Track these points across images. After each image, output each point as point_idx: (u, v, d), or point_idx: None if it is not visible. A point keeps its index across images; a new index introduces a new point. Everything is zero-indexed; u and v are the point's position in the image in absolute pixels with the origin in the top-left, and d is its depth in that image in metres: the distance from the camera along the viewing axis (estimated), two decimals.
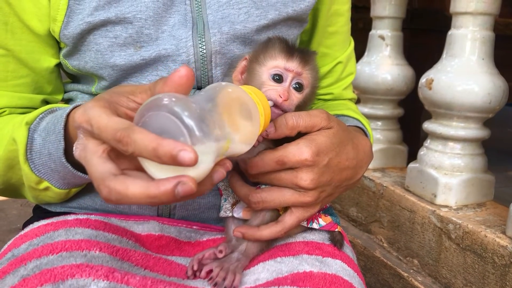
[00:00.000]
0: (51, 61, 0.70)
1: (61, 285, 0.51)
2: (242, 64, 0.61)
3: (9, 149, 0.62)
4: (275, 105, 0.57)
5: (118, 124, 0.42)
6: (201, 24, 0.65)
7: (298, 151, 0.57)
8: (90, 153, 0.43)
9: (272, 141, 0.58)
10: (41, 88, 0.72)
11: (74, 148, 0.46)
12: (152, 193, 0.40)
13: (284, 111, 0.57)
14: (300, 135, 0.59)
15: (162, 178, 0.40)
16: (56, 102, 0.76)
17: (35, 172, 0.61)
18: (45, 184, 0.62)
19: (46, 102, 0.74)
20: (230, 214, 0.64)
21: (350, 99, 0.89)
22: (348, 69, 0.86)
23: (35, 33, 0.67)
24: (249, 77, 0.59)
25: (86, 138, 0.44)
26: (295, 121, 0.57)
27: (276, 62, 0.58)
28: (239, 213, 0.63)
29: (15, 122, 0.63)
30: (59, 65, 0.73)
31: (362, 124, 0.77)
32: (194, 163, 0.38)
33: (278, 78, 0.58)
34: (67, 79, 0.79)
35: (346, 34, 0.85)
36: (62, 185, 0.63)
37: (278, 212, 0.61)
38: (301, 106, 0.60)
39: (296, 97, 0.58)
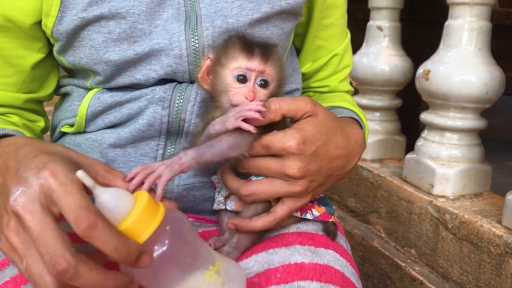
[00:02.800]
0: (36, 56, 0.70)
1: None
2: (206, 63, 0.62)
3: None
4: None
5: None
6: (194, 18, 0.66)
7: (283, 138, 0.57)
8: None
9: (262, 131, 0.59)
10: (26, 88, 0.72)
11: None
12: None
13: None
14: None
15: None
16: (42, 100, 0.76)
17: None
18: None
19: (32, 101, 0.74)
20: (223, 207, 0.65)
21: (347, 91, 0.89)
22: (344, 61, 0.86)
23: (20, 28, 0.67)
24: (214, 80, 0.60)
25: None
26: (277, 104, 0.58)
27: (238, 63, 0.58)
28: (232, 205, 0.64)
29: None
30: (47, 60, 0.73)
31: (358, 116, 0.77)
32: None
33: (242, 79, 0.58)
34: (64, 73, 0.79)
35: (342, 27, 0.85)
36: None
37: (270, 203, 0.62)
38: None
39: (263, 93, 0.59)
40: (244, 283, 0.53)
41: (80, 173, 0.44)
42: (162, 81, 0.67)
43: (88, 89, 0.70)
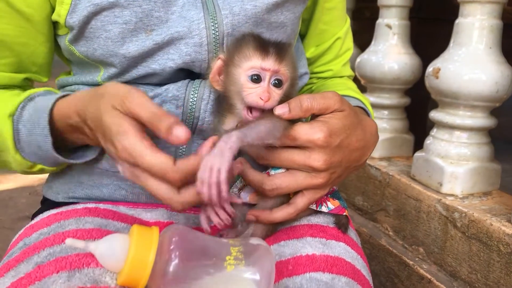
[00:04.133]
0: (39, 47, 0.71)
1: (77, 272, 0.52)
2: (218, 64, 0.61)
3: None
4: (257, 108, 0.58)
5: (163, 164, 0.51)
6: (211, 4, 0.65)
7: (311, 131, 0.58)
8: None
9: (287, 123, 0.59)
10: (25, 68, 0.72)
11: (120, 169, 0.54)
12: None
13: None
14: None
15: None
16: (40, 81, 0.76)
17: (28, 159, 0.64)
18: (39, 166, 0.66)
19: (28, 79, 0.74)
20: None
21: (349, 76, 0.91)
22: (345, 45, 0.88)
23: (27, 19, 0.67)
24: (227, 80, 0.60)
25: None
26: (309, 103, 0.58)
27: (252, 63, 0.58)
28: (246, 197, 0.64)
29: None
30: (48, 50, 0.72)
31: (363, 104, 0.78)
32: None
33: (256, 78, 0.58)
34: (67, 71, 0.78)
35: (343, 11, 0.87)
36: (56, 165, 0.67)
37: (288, 194, 0.62)
38: (283, 99, 0.60)
39: (277, 93, 0.59)
40: (268, 249, 0.54)
41: (69, 241, 0.50)
42: (175, 76, 0.66)
43: (99, 85, 0.70)
